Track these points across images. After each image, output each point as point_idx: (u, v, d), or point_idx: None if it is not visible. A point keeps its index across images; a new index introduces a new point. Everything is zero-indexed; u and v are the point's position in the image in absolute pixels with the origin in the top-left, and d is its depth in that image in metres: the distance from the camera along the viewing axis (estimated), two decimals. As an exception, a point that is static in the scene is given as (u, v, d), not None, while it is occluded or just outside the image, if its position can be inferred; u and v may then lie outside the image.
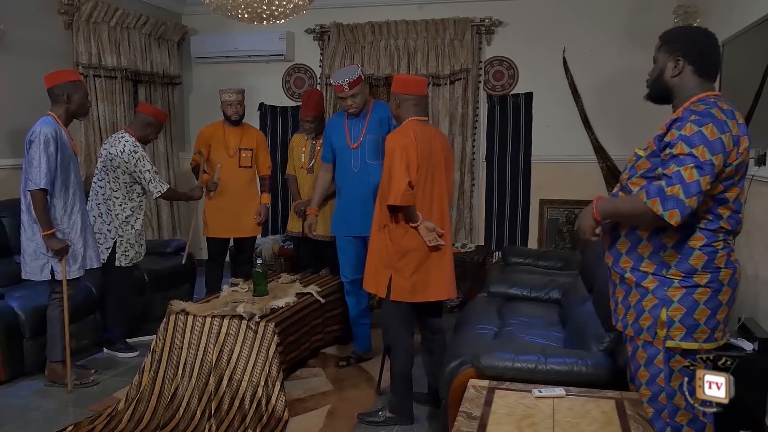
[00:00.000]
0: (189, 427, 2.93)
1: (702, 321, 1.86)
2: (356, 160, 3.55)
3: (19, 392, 3.43)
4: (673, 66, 1.93)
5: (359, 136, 3.54)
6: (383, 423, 3.03)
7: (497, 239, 5.61)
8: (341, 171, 3.64)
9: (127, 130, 3.96)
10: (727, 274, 1.89)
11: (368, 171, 3.52)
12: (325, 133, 3.78)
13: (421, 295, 2.98)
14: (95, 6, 4.91)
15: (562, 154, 5.36)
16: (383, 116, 3.54)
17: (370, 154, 3.52)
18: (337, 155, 3.65)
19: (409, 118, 2.97)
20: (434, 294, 3.01)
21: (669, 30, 2.04)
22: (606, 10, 5.13)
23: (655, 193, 1.76)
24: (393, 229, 2.94)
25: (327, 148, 3.74)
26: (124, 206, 3.90)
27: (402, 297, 2.96)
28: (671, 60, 1.93)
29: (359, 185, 3.54)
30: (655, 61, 2.00)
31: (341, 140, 3.60)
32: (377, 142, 3.50)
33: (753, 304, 3.07)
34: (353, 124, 3.58)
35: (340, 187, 3.67)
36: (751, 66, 3.23)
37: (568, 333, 3.04)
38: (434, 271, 2.98)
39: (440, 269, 3.00)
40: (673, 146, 1.78)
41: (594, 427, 1.94)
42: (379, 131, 3.52)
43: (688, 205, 1.73)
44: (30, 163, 3.27)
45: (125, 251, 3.92)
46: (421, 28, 5.41)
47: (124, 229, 3.90)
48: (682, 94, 1.93)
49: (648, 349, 1.92)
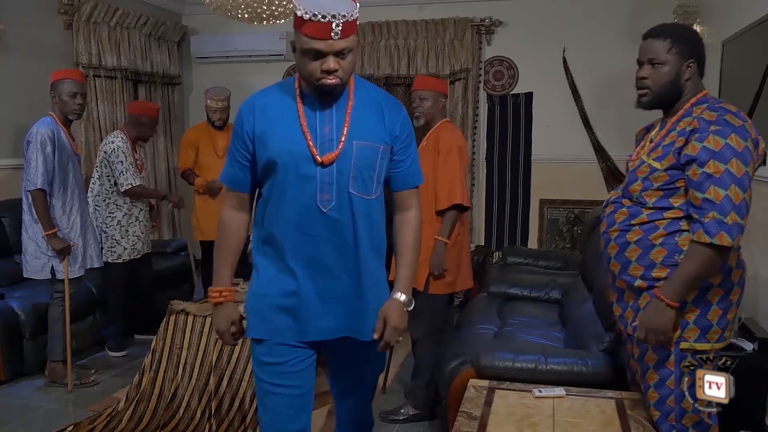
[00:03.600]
0: (189, 427, 2.93)
1: (714, 321, 1.84)
2: (326, 190, 1.73)
3: (20, 392, 3.44)
4: (686, 68, 1.87)
5: (335, 139, 1.73)
6: (407, 420, 3.04)
7: (497, 239, 5.61)
8: (286, 211, 1.76)
9: (122, 130, 3.99)
10: (737, 273, 1.88)
11: (352, 212, 1.76)
12: (243, 124, 1.79)
13: (454, 285, 3.06)
14: (95, 6, 4.91)
15: (562, 154, 5.36)
16: (387, 106, 1.82)
17: (357, 179, 1.75)
18: (274, 177, 1.76)
19: (442, 119, 3.03)
20: (463, 284, 3.11)
21: (673, 29, 1.93)
22: (606, 10, 5.13)
23: (716, 229, 1.72)
24: (433, 223, 2.94)
25: (242, 156, 1.81)
26: (107, 201, 3.93)
27: (440, 290, 2.99)
28: (685, 62, 1.87)
29: (332, 243, 1.76)
30: (661, 62, 1.87)
31: (290, 143, 1.73)
32: (374, 155, 1.77)
33: (753, 304, 3.06)
34: (319, 113, 1.75)
35: (283, 244, 1.77)
36: (751, 66, 3.23)
37: (568, 333, 3.04)
38: (465, 261, 3.08)
39: (467, 259, 3.13)
40: (703, 164, 1.75)
41: (594, 427, 1.94)
42: (377, 134, 1.78)
43: (743, 224, 1.74)
44: (27, 163, 3.29)
45: (111, 247, 3.93)
46: (421, 28, 5.41)
47: (108, 225, 3.92)
48: (684, 97, 1.90)
49: (659, 352, 1.88)
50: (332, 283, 1.78)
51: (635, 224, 1.90)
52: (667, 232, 1.85)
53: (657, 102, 1.93)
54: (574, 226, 5.22)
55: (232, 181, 1.87)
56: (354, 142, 1.74)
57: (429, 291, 2.96)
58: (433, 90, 3.00)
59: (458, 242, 3.01)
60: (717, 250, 1.73)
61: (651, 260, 1.87)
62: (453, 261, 2.98)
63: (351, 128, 1.74)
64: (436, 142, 2.97)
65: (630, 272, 1.92)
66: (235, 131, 1.82)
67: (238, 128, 1.80)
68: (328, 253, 1.77)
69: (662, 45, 1.87)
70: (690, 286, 1.79)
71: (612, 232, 1.96)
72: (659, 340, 1.83)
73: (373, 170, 1.78)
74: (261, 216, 1.84)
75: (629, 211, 1.93)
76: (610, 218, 1.99)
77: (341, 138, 1.73)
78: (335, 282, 1.78)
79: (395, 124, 1.81)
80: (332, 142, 1.73)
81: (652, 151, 1.90)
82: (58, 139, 3.33)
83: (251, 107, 1.79)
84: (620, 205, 1.97)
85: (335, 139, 1.73)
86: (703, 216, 1.74)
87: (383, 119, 1.79)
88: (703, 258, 1.75)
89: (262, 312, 1.81)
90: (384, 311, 1.79)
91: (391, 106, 1.83)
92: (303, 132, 1.73)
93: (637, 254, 1.90)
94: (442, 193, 2.90)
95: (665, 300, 1.79)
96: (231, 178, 1.87)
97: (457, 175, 2.90)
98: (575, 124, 5.31)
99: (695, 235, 1.75)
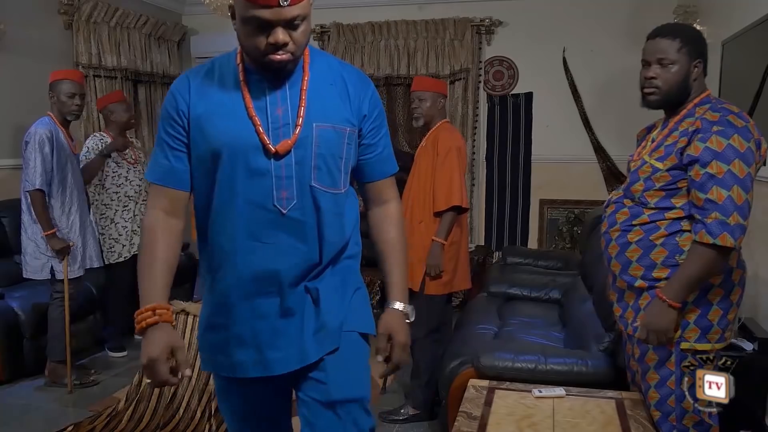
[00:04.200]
0: (189, 427, 2.93)
1: (715, 321, 1.84)
2: (283, 186, 1.41)
3: (20, 392, 3.43)
4: (693, 68, 1.87)
5: (290, 123, 1.42)
6: (407, 420, 3.04)
7: (497, 239, 5.61)
8: (235, 217, 1.43)
9: (105, 132, 4.01)
10: (738, 273, 1.88)
11: (317, 210, 1.45)
12: (177, 104, 1.45)
13: (450, 286, 3.05)
14: (95, 6, 4.91)
15: (562, 154, 5.35)
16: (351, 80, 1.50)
17: (321, 169, 1.45)
18: (217, 174, 1.43)
19: (441, 120, 3.03)
20: (460, 284, 3.11)
21: (682, 29, 1.93)
22: (606, 10, 5.13)
23: (719, 229, 1.72)
24: (430, 223, 2.94)
25: (178, 142, 1.46)
26: (96, 202, 3.92)
27: (437, 290, 2.99)
28: (693, 62, 1.87)
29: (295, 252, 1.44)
30: (672, 62, 1.85)
31: (234, 131, 1.40)
32: (339, 139, 1.46)
33: (753, 304, 3.06)
34: (268, 93, 1.42)
35: (234, 257, 1.45)
36: (751, 66, 3.23)
37: (568, 333, 3.04)
38: (462, 261, 3.08)
39: (465, 259, 3.12)
40: (706, 165, 1.75)
41: (594, 427, 1.94)
42: (341, 113, 1.46)
43: (745, 225, 1.74)
44: (26, 163, 3.29)
45: (111, 247, 3.93)
46: (421, 28, 5.41)
47: (103, 225, 3.91)
48: (690, 97, 1.90)
49: (659, 352, 1.88)
50: (300, 299, 1.45)
51: (636, 224, 1.90)
52: (668, 233, 1.85)
53: (665, 102, 1.91)
54: (574, 226, 5.22)
55: (166, 176, 1.45)
56: (314, 124, 1.41)
57: (425, 291, 2.96)
58: (431, 90, 3.00)
59: (456, 243, 3.01)
60: (719, 250, 1.73)
61: (652, 260, 1.87)
62: (450, 261, 2.98)
63: (309, 108, 1.41)
64: (435, 142, 2.97)
65: (630, 272, 1.91)
66: (165, 115, 1.44)
67: (169, 110, 1.43)
68: (291, 264, 1.42)
69: (673, 44, 1.86)
70: (692, 287, 1.79)
71: (613, 232, 1.96)
72: (660, 341, 1.83)
73: (340, 158, 1.45)
74: (203, 225, 1.48)
75: (630, 212, 1.93)
76: (612, 218, 1.98)
77: (298, 121, 1.40)
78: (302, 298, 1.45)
79: (363, 101, 1.48)
80: (287, 127, 1.40)
81: (654, 151, 1.90)
82: (56, 140, 3.33)
83: (185, 86, 1.44)
84: (621, 205, 1.97)
85: (290, 122, 1.40)
86: (705, 216, 1.74)
87: (348, 96, 1.47)
88: (705, 258, 1.75)
89: (218, 344, 1.49)
90: (386, 326, 1.51)
91: (355, 79, 1.49)
92: (250, 116, 1.39)
93: (637, 254, 1.90)
94: (440, 194, 2.90)
95: (667, 300, 1.79)
96: (164, 172, 1.45)
97: (456, 176, 2.90)
98: (575, 124, 5.31)
99: (697, 235, 1.75)
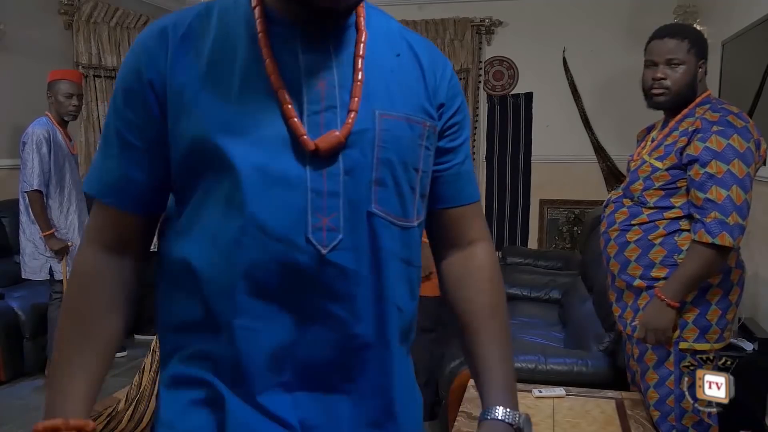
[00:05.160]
0: (189, 427, 2.93)
1: (714, 321, 1.84)
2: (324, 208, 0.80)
3: (20, 392, 3.43)
4: (700, 69, 1.88)
5: (337, 105, 0.81)
6: None
7: (497, 239, 5.60)
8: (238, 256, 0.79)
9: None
10: (737, 273, 1.88)
11: (376, 254, 0.84)
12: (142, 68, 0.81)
13: None
14: (95, 6, 4.91)
15: (562, 154, 5.35)
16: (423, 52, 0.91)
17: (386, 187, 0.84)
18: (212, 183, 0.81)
19: None
20: None
21: (688, 29, 1.93)
22: (606, 10, 5.13)
23: (718, 229, 1.72)
24: None
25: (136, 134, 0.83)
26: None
27: (428, 292, 2.98)
28: (699, 63, 1.87)
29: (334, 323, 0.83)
30: (681, 62, 1.85)
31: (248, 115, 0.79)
32: (415, 138, 0.86)
33: (753, 304, 3.06)
34: (304, 55, 0.81)
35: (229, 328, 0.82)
36: (751, 66, 3.23)
37: (568, 333, 3.04)
38: None
39: None
40: (705, 164, 1.75)
41: (594, 427, 1.94)
42: (416, 99, 0.88)
43: (744, 225, 1.75)
44: (24, 164, 3.29)
45: None
46: (421, 28, 5.40)
47: None
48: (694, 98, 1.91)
49: (658, 352, 1.88)
50: (334, 406, 0.87)
51: (635, 224, 1.91)
52: (667, 232, 1.85)
53: (674, 103, 1.90)
54: (574, 226, 5.22)
55: (113, 189, 0.86)
56: (376, 111, 0.83)
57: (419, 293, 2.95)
58: None
59: None
60: (718, 250, 1.74)
61: (650, 260, 1.88)
62: None
63: (368, 85, 0.83)
64: None
65: (629, 272, 1.92)
66: (121, 88, 0.84)
67: (129, 77, 0.83)
68: (324, 342, 0.84)
69: (681, 45, 1.86)
70: (690, 286, 1.80)
71: (612, 232, 1.97)
72: (659, 340, 1.83)
73: (415, 168, 0.87)
74: (176, 267, 0.88)
75: (630, 211, 1.93)
76: (611, 218, 1.99)
77: (352, 103, 0.82)
78: (339, 405, 0.88)
79: (440, 84, 0.93)
80: (333, 112, 0.81)
81: (654, 151, 1.90)
82: (54, 140, 3.33)
83: (159, 41, 0.82)
84: (621, 205, 1.97)
85: (338, 105, 0.82)
86: (704, 216, 1.75)
87: (422, 73, 0.90)
88: (704, 258, 1.75)
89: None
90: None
91: (428, 53, 0.93)
92: (275, 90, 0.79)
93: (636, 254, 1.90)
94: None
95: (665, 299, 1.79)
96: (110, 183, 0.86)
97: None
98: (575, 124, 5.31)
99: (696, 235, 1.76)
